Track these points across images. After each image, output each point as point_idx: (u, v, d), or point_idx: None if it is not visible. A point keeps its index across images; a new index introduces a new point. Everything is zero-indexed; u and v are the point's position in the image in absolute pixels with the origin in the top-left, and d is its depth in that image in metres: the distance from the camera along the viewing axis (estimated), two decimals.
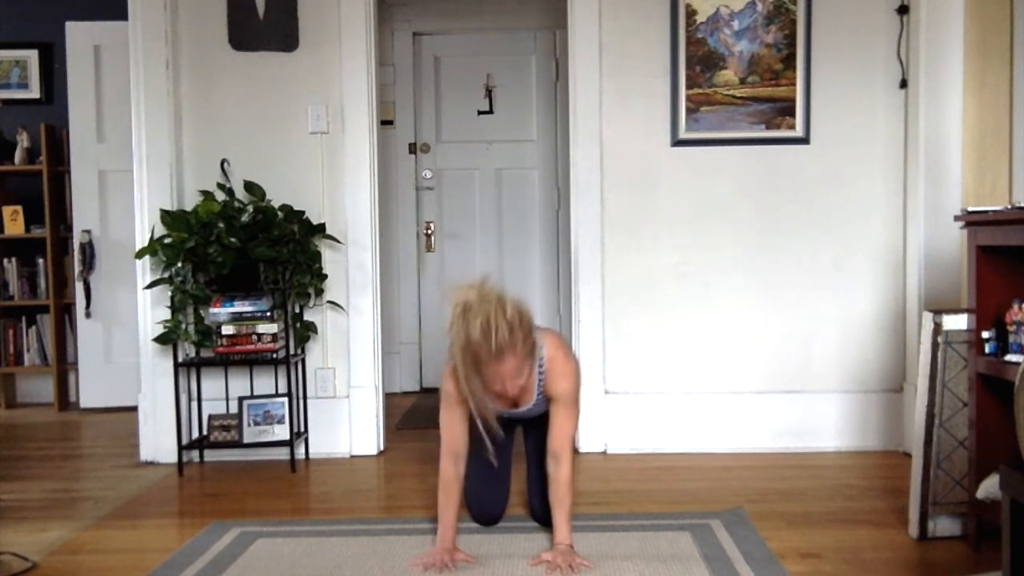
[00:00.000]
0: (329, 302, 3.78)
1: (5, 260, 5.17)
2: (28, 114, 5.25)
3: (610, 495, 3.16)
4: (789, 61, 3.69)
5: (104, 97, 4.96)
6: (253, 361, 3.61)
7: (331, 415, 3.81)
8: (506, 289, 2.40)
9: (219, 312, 3.54)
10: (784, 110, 3.70)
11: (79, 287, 4.98)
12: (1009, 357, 2.35)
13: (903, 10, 3.65)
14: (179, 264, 3.52)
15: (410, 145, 5.33)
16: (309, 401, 3.79)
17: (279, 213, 3.63)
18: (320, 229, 3.68)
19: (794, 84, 3.68)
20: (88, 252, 4.96)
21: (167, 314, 3.60)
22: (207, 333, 3.59)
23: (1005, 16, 3.35)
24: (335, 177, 3.78)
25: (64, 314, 5.22)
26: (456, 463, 2.51)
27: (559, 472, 2.50)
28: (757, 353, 3.76)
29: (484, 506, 2.76)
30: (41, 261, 5.16)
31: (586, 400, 2.99)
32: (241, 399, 3.65)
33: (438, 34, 5.33)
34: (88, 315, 4.98)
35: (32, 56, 5.31)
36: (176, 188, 3.73)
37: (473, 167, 5.34)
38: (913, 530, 2.62)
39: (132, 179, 3.77)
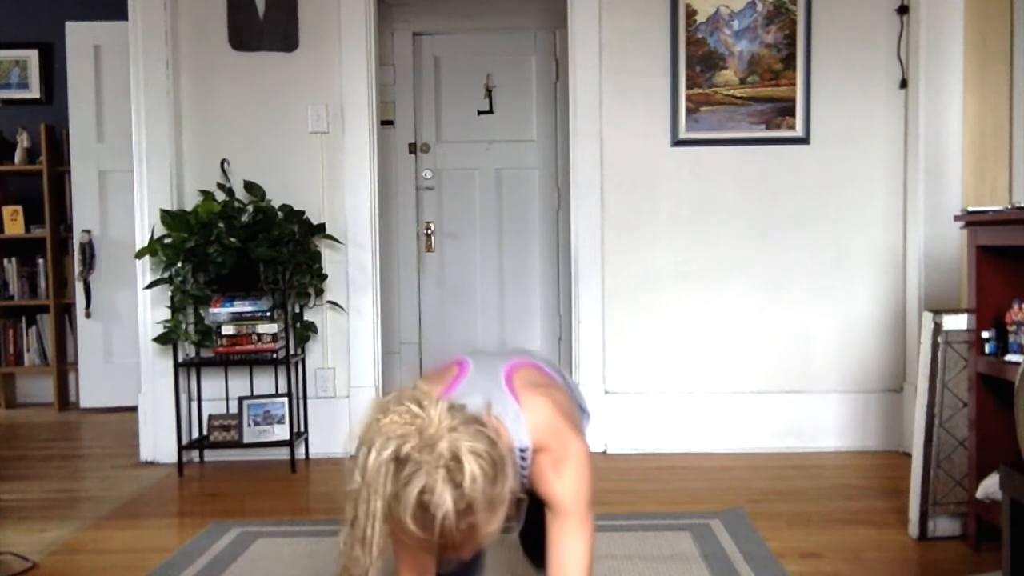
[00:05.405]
0: (329, 302, 3.78)
1: (5, 260, 5.17)
2: (28, 114, 5.25)
3: (610, 495, 3.15)
4: (789, 61, 3.68)
5: (104, 97, 4.96)
6: (253, 361, 3.61)
7: (331, 415, 3.80)
8: (469, 395, 1.46)
9: (219, 312, 3.54)
10: (784, 110, 3.70)
11: (79, 287, 4.98)
12: (1009, 357, 2.35)
13: (903, 10, 3.65)
14: (179, 264, 3.52)
15: (410, 145, 5.32)
16: (309, 401, 3.79)
17: (279, 213, 3.63)
18: (320, 229, 3.68)
19: (794, 84, 3.68)
20: (88, 252, 4.96)
21: (167, 314, 3.60)
22: (207, 333, 3.59)
23: (1005, 16, 3.35)
24: (335, 177, 3.78)
25: (64, 314, 5.22)
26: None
27: None
28: (757, 353, 3.76)
29: None
30: (41, 261, 5.16)
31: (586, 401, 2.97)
32: (241, 399, 3.65)
33: (438, 34, 5.32)
34: (88, 315, 4.98)
35: (32, 56, 5.31)
36: (176, 188, 3.73)
37: (473, 167, 5.33)
38: (913, 530, 2.62)
39: (132, 179, 3.78)
